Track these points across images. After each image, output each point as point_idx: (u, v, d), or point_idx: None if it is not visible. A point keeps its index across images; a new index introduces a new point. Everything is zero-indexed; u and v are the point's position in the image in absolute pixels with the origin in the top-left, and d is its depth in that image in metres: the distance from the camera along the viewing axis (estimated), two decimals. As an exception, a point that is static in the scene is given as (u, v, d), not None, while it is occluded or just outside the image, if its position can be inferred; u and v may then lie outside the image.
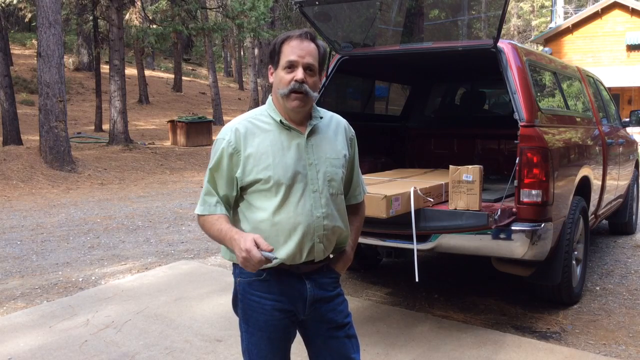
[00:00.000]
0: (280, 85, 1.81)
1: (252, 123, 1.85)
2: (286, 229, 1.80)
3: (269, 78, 1.86)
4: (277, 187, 1.79)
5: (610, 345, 3.47)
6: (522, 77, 3.58)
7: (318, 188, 1.84)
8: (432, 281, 4.76)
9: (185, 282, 4.73)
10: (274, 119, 1.85)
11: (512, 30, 42.37)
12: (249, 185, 1.82)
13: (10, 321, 3.87)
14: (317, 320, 1.94)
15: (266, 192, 1.80)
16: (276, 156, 1.80)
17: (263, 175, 1.78)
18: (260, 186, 1.80)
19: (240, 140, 1.80)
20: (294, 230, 1.80)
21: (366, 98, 5.68)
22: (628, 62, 22.78)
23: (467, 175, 3.27)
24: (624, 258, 5.51)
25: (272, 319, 1.87)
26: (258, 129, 1.83)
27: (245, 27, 16.23)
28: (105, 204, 8.96)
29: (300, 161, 1.82)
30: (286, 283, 1.87)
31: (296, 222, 1.80)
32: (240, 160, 1.80)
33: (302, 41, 1.81)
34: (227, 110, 26.22)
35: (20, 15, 27.15)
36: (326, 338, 1.95)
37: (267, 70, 1.92)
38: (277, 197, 1.79)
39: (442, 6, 6.61)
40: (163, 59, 38.85)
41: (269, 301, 1.87)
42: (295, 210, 1.80)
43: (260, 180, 1.79)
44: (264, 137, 1.82)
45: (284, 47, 1.81)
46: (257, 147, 1.80)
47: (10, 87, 13.77)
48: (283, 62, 1.80)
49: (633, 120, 6.31)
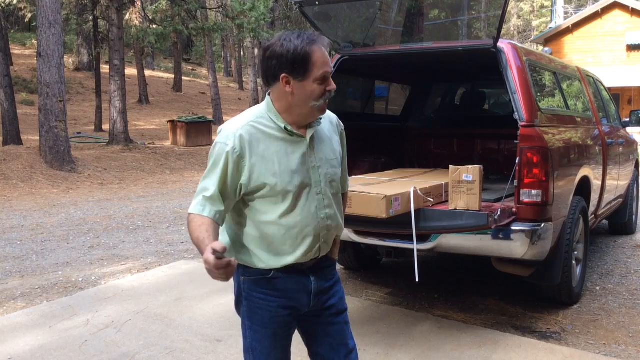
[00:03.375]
0: (312, 96, 1.77)
1: (254, 128, 1.80)
2: (294, 232, 1.83)
3: (283, 87, 1.76)
4: (283, 193, 1.79)
5: (610, 345, 3.47)
6: (522, 77, 3.58)
7: (321, 190, 1.87)
8: (432, 281, 4.76)
9: (185, 282, 4.73)
10: (277, 125, 1.81)
11: (512, 30, 42.37)
12: (254, 191, 1.81)
13: (10, 321, 3.87)
14: (319, 310, 1.98)
15: (272, 197, 1.80)
16: (282, 162, 1.79)
17: (270, 181, 1.78)
18: (266, 192, 1.80)
19: (245, 146, 1.77)
20: (301, 233, 1.83)
21: (366, 98, 5.68)
22: (628, 62, 22.78)
23: (467, 175, 3.27)
24: (624, 258, 5.51)
25: (277, 316, 1.90)
26: (262, 134, 1.80)
27: (245, 27, 16.22)
28: (105, 204, 8.96)
29: (304, 166, 1.83)
30: (292, 280, 1.90)
31: (303, 225, 1.83)
32: (245, 167, 1.78)
33: (325, 49, 1.78)
34: (227, 110, 26.22)
35: (20, 15, 27.17)
36: (326, 325, 2.00)
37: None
38: (284, 203, 1.81)
39: (442, 6, 6.61)
40: (163, 59, 38.85)
41: (275, 298, 1.89)
42: (302, 214, 1.83)
43: (266, 187, 1.79)
44: (269, 143, 1.80)
45: (314, 57, 1.74)
46: (263, 153, 1.79)
47: (10, 87, 13.77)
48: (318, 74, 1.75)
49: (633, 120, 6.31)
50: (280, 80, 1.75)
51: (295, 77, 1.75)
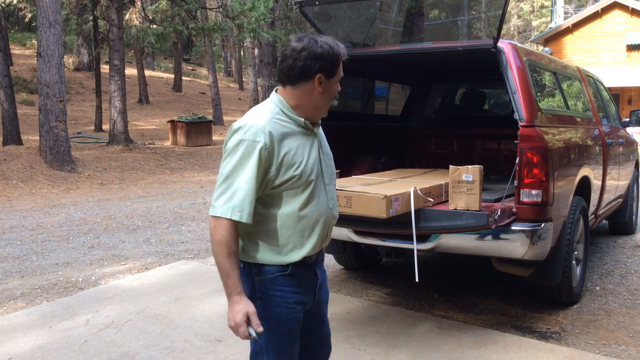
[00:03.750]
0: (330, 94, 1.93)
1: (278, 124, 1.86)
2: (311, 222, 1.91)
3: (314, 86, 1.88)
4: (305, 184, 1.88)
5: (610, 345, 3.47)
6: (522, 77, 3.58)
7: (327, 182, 1.99)
8: (432, 281, 4.76)
9: (185, 282, 4.73)
10: (295, 121, 1.90)
11: (512, 30, 42.35)
12: (280, 185, 1.85)
13: (10, 321, 3.87)
14: (315, 302, 2.06)
15: (296, 189, 1.87)
16: (304, 155, 1.88)
17: (296, 173, 1.85)
18: (292, 184, 1.86)
19: (275, 142, 1.82)
20: (317, 223, 1.93)
21: (366, 98, 5.67)
22: (628, 62, 22.78)
23: (467, 175, 3.27)
24: (624, 258, 5.51)
25: (293, 312, 1.95)
26: (285, 129, 1.87)
27: (245, 27, 16.19)
28: (105, 204, 8.96)
29: (317, 158, 1.94)
30: (304, 275, 1.97)
31: (318, 215, 1.93)
32: (273, 162, 1.82)
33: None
34: (227, 110, 26.22)
35: (20, 15, 27.17)
36: (316, 315, 2.10)
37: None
38: (304, 194, 1.88)
39: (442, 6, 6.62)
40: (163, 59, 38.85)
41: (292, 294, 1.93)
42: (317, 204, 1.92)
43: (293, 178, 1.85)
44: (291, 137, 1.88)
45: (340, 60, 1.91)
46: (289, 147, 1.85)
47: (10, 87, 13.77)
48: (339, 76, 1.92)
49: (633, 120, 6.31)
50: (315, 79, 1.86)
51: (327, 77, 1.88)
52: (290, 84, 1.89)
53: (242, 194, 1.78)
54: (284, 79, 1.89)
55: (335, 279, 4.86)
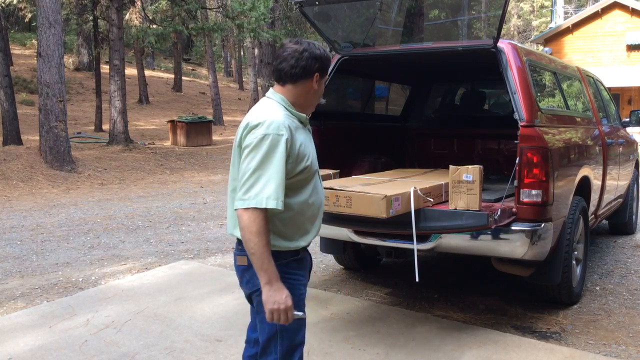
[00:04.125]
0: (320, 92, 2.12)
1: (289, 119, 2.01)
2: (317, 208, 2.11)
3: (312, 84, 2.05)
4: (313, 173, 2.07)
5: (610, 345, 3.47)
6: (522, 77, 3.58)
7: (318, 171, 2.16)
8: (432, 281, 4.76)
9: (185, 282, 4.73)
10: (297, 117, 2.06)
11: (512, 30, 42.35)
12: (296, 175, 1.99)
13: (10, 321, 3.87)
14: None
15: (305, 179, 2.03)
16: (309, 147, 2.07)
17: (307, 164, 2.02)
18: (305, 174, 2.01)
19: (293, 136, 1.97)
20: (319, 208, 2.13)
21: (366, 98, 5.68)
22: (628, 62, 22.78)
23: (467, 175, 3.26)
24: (624, 258, 5.51)
25: (302, 294, 2.08)
26: (294, 124, 2.02)
27: (245, 27, 16.20)
28: (105, 204, 8.96)
29: (314, 150, 2.12)
30: (307, 259, 2.17)
31: (320, 201, 2.14)
32: (293, 154, 1.96)
33: None
34: (227, 110, 26.23)
35: (20, 15, 27.16)
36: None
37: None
38: (311, 183, 2.07)
39: (442, 6, 6.62)
40: (163, 59, 38.85)
41: (303, 278, 2.11)
42: (318, 193, 2.13)
43: (306, 169, 2.01)
44: (299, 132, 2.03)
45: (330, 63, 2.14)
46: (300, 141, 2.01)
47: (10, 87, 13.77)
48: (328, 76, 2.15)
49: (633, 120, 6.31)
50: (313, 78, 2.04)
51: (322, 76, 2.08)
52: (291, 83, 2.03)
53: (275, 184, 1.87)
54: (285, 77, 2.03)
55: (335, 279, 4.86)
